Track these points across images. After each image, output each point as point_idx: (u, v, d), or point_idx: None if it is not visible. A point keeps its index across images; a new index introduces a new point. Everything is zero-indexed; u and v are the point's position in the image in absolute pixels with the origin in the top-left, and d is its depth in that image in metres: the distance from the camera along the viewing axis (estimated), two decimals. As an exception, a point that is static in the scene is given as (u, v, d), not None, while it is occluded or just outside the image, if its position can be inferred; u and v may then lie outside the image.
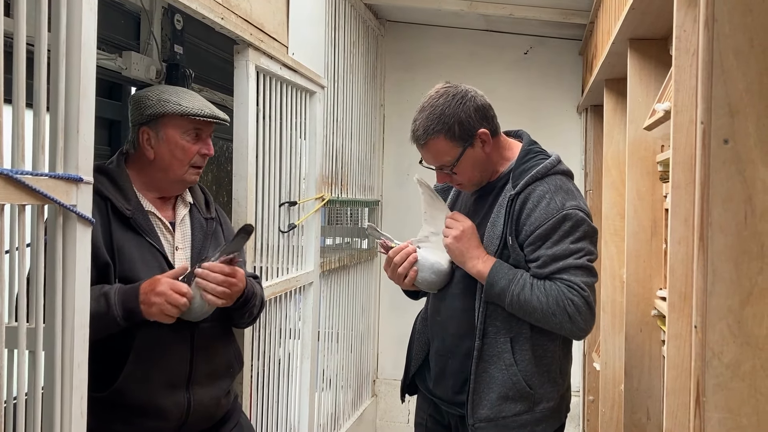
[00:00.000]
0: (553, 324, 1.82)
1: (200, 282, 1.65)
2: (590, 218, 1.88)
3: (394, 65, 4.47)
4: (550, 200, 1.84)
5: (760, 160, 0.97)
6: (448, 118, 1.86)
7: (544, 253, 1.82)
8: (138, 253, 1.69)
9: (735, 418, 1.00)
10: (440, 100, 1.88)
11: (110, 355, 1.64)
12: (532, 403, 1.89)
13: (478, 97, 1.91)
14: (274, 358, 2.64)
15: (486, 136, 1.89)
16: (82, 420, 1.21)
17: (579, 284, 1.79)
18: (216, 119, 1.81)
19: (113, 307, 1.58)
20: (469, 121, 1.87)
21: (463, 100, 1.88)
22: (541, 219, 1.82)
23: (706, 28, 0.98)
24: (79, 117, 1.19)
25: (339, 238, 4.02)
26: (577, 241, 1.82)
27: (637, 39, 2.40)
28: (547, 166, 1.91)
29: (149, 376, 1.67)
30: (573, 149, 4.23)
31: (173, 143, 1.77)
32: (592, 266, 1.85)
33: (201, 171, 1.86)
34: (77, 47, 1.18)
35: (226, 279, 1.67)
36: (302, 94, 2.86)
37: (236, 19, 2.15)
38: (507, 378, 1.87)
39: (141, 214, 1.73)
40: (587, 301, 1.80)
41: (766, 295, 0.99)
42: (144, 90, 1.83)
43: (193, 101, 1.79)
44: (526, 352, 1.88)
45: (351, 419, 3.91)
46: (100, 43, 2.25)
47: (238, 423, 1.94)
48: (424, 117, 1.89)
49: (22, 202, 1.09)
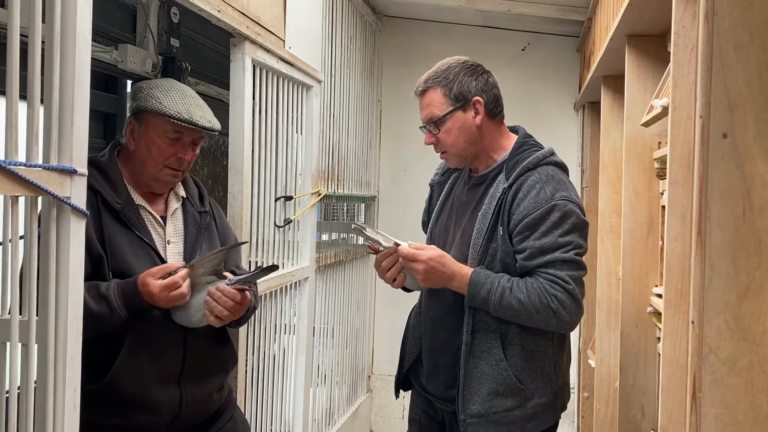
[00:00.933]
0: (538, 322, 1.82)
1: (210, 302, 1.67)
2: (581, 210, 1.88)
3: (392, 60, 4.46)
4: (540, 190, 1.83)
5: (759, 154, 0.97)
6: (451, 75, 1.94)
7: (532, 245, 1.81)
8: (129, 247, 1.68)
9: (731, 414, 1.00)
10: (453, 61, 1.98)
11: (102, 348, 1.63)
12: (524, 398, 1.88)
13: (489, 75, 1.99)
14: (269, 353, 2.63)
15: (480, 105, 1.94)
16: (75, 413, 1.20)
17: (563, 278, 1.79)
18: (194, 125, 1.73)
19: (117, 310, 1.59)
20: (469, 85, 1.93)
21: (473, 70, 1.96)
22: (530, 208, 1.82)
23: (706, 22, 0.97)
24: (74, 108, 1.17)
25: (335, 233, 4.01)
26: (566, 233, 1.81)
27: (635, 35, 2.39)
28: (539, 157, 1.91)
29: (141, 369, 1.66)
30: (570, 146, 4.22)
31: (150, 141, 1.74)
32: (581, 260, 1.84)
33: (180, 173, 1.80)
34: (72, 38, 1.17)
35: (234, 305, 1.70)
36: (299, 89, 2.85)
37: (233, 12, 2.14)
38: (497, 373, 1.87)
39: (131, 208, 1.72)
40: (571, 294, 1.79)
41: (763, 290, 0.99)
42: (145, 81, 1.81)
43: (178, 102, 1.72)
44: (516, 347, 1.88)
45: (346, 415, 3.91)
46: (95, 35, 2.24)
47: (232, 417, 1.94)
48: (432, 70, 1.97)
49: (15, 194, 1.08)
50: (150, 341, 1.68)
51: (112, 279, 1.64)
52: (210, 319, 1.69)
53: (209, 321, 1.70)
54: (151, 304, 1.63)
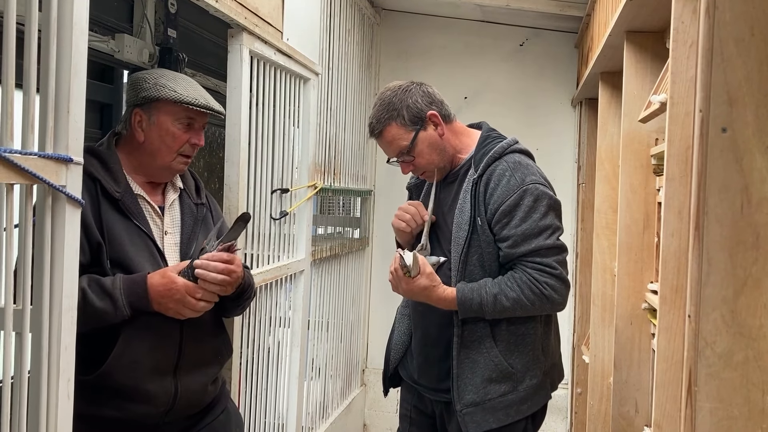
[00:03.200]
0: (534, 311, 1.92)
1: (200, 272, 1.66)
2: (552, 191, 1.97)
3: (390, 54, 4.45)
4: (510, 177, 1.91)
5: (757, 149, 0.97)
6: (396, 105, 1.98)
7: (514, 233, 1.89)
8: (127, 236, 1.68)
9: (726, 408, 1.00)
10: (387, 93, 2.02)
11: (98, 338, 1.62)
12: (516, 382, 1.95)
13: (423, 86, 2.03)
14: (264, 346, 2.63)
15: (436, 117, 1.99)
16: (68, 402, 1.20)
17: (550, 264, 1.89)
18: (210, 110, 1.79)
19: (122, 309, 1.60)
20: (416, 105, 1.98)
21: (408, 89, 2.00)
22: (503, 196, 1.90)
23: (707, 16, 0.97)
24: (70, 97, 1.17)
25: (331, 227, 4.01)
26: (544, 216, 1.89)
27: (634, 31, 2.39)
28: (504, 146, 1.98)
29: (137, 360, 1.66)
30: (567, 142, 4.22)
31: (164, 129, 1.75)
32: (562, 243, 1.94)
33: (190, 160, 1.84)
34: (69, 27, 1.16)
35: (225, 267, 1.67)
36: (296, 81, 2.84)
37: (231, 2, 2.13)
38: (488, 360, 1.93)
39: (130, 197, 1.72)
40: (560, 278, 1.91)
41: (760, 285, 0.99)
42: (143, 72, 1.81)
43: (189, 89, 1.77)
44: (504, 333, 1.95)
45: (339, 408, 3.92)
46: (92, 25, 2.23)
47: (225, 409, 1.94)
48: (376, 110, 2.01)
49: (10, 182, 1.07)
50: (146, 332, 1.67)
51: (109, 267, 1.63)
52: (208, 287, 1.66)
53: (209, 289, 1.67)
54: (163, 308, 1.64)
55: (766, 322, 0.99)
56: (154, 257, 1.72)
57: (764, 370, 1.00)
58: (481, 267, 1.94)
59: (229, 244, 1.70)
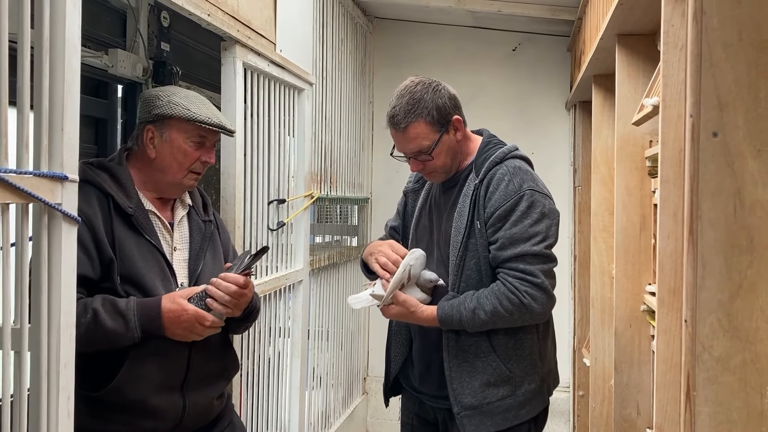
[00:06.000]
0: (515, 321, 1.91)
1: (210, 290, 1.66)
2: (550, 199, 1.96)
3: (383, 62, 4.46)
4: (509, 182, 1.92)
5: (748, 153, 0.97)
6: (428, 103, 1.94)
7: (503, 235, 1.89)
8: (138, 252, 1.68)
9: (725, 411, 1.00)
10: (418, 87, 1.96)
11: (107, 354, 1.62)
12: (514, 386, 1.95)
13: (449, 87, 2.01)
14: (264, 356, 2.63)
15: (459, 123, 1.99)
16: (69, 420, 1.20)
17: (532, 272, 1.87)
18: (222, 129, 1.80)
19: (133, 331, 1.59)
20: (445, 108, 1.96)
21: (438, 89, 1.97)
22: (500, 200, 1.90)
23: (695, 21, 0.97)
24: (64, 114, 1.17)
25: (328, 235, 4.01)
26: (536, 223, 1.89)
27: (625, 34, 2.40)
28: (504, 152, 1.99)
29: (146, 376, 1.66)
30: (561, 145, 4.23)
31: (176, 146, 1.76)
32: (550, 252, 1.91)
33: (199, 177, 1.85)
34: (61, 44, 1.16)
35: (238, 290, 1.68)
36: (290, 91, 2.85)
37: (223, 16, 2.13)
38: (487, 365, 1.94)
39: (142, 213, 1.72)
40: (541, 287, 1.87)
41: (755, 288, 0.99)
42: (157, 89, 1.83)
43: (202, 108, 1.78)
44: (502, 338, 1.95)
45: (342, 417, 3.91)
46: (85, 40, 2.23)
47: (231, 422, 1.94)
48: (404, 102, 1.95)
49: (6, 201, 1.07)
50: (155, 348, 1.67)
51: (119, 283, 1.63)
52: (215, 306, 1.66)
53: (215, 309, 1.67)
54: (171, 333, 1.64)
55: (762, 325, 0.99)
56: (164, 273, 1.72)
57: (762, 373, 1.00)
58: (478, 271, 1.94)
59: (248, 271, 1.72)
